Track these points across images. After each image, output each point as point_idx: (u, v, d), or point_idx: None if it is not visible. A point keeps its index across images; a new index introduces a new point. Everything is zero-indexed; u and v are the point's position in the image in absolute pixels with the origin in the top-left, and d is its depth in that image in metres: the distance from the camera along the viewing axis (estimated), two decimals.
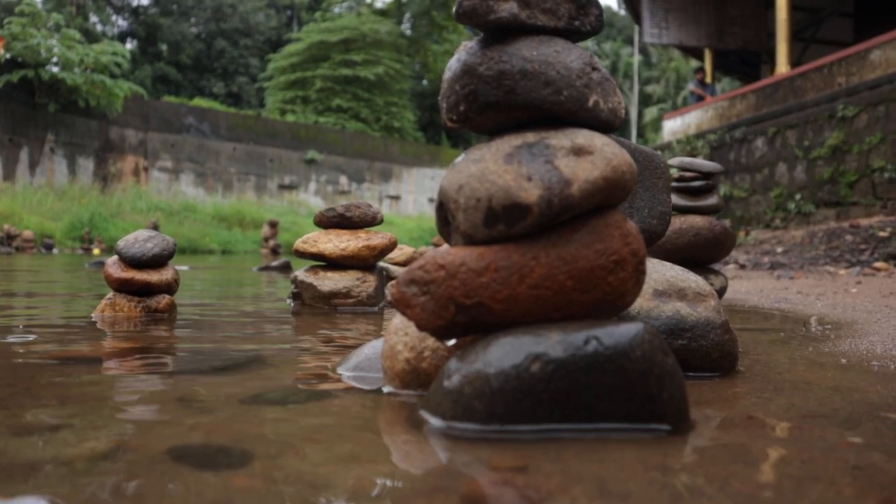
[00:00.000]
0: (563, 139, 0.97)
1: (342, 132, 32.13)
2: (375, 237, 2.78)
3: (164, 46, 40.99)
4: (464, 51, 1.02)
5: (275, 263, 7.42)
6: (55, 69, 22.34)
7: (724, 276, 2.79)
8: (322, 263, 2.84)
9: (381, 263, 3.43)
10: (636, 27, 21.40)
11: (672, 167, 2.75)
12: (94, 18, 39.80)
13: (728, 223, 10.31)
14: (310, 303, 2.77)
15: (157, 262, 2.32)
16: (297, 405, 1.06)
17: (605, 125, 1.04)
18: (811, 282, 4.68)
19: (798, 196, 9.60)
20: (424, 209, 33.19)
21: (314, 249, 2.74)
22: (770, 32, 14.07)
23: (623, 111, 1.07)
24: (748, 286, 4.39)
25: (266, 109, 36.23)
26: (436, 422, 0.91)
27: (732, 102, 12.78)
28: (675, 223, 2.63)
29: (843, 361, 1.56)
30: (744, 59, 16.99)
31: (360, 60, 34.49)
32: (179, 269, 7.03)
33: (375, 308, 2.75)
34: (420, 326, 0.96)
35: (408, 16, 41.68)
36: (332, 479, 0.73)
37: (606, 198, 0.97)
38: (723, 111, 12.95)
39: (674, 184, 2.74)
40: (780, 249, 7.95)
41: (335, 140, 31.30)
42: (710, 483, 0.74)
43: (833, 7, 15.60)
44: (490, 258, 0.94)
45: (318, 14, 39.48)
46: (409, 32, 41.14)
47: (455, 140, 38.51)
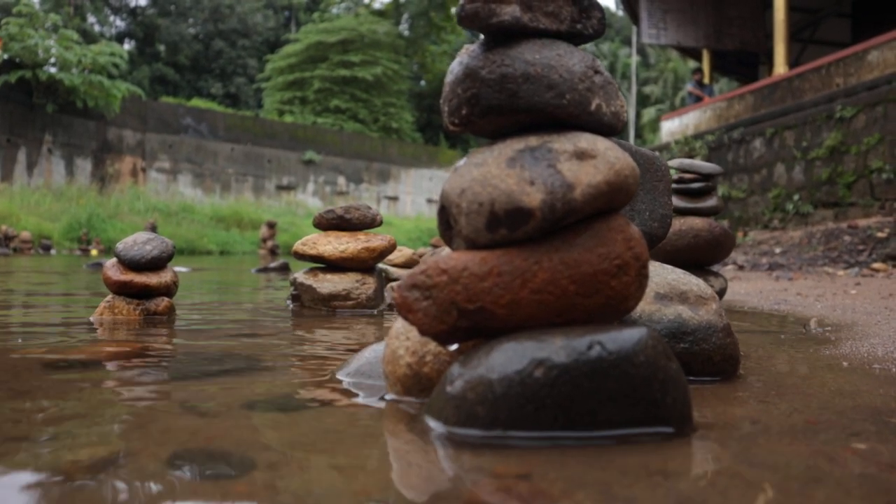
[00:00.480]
0: (566, 143, 0.97)
1: (340, 133, 32.13)
2: (375, 239, 2.78)
3: (162, 47, 40.96)
4: (466, 54, 1.02)
5: (273, 265, 7.41)
6: (53, 70, 22.32)
7: (724, 278, 2.79)
8: (321, 265, 2.83)
9: (381, 265, 3.42)
10: (634, 28, 21.42)
11: (671, 169, 2.75)
12: (92, 19, 39.76)
13: (726, 224, 10.31)
14: (309, 305, 2.76)
15: (156, 265, 2.31)
16: (298, 411, 1.05)
17: (608, 129, 1.03)
18: (810, 283, 4.68)
19: (796, 197, 9.60)
20: (422, 210, 33.19)
21: (313, 251, 2.73)
22: (768, 33, 14.09)
23: (625, 115, 1.07)
24: (747, 287, 4.39)
25: (264, 110, 36.23)
26: (438, 428, 0.90)
27: (730, 103, 12.79)
28: (675, 225, 2.63)
29: (845, 364, 1.55)
30: (741, 60, 17.01)
31: (358, 61, 34.50)
32: (179, 271, 7.00)
33: (374, 311, 2.74)
34: (422, 331, 0.95)
35: (406, 16, 41.71)
36: (334, 488, 0.72)
37: (609, 202, 0.97)
38: (721, 112, 12.97)
39: (673, 185, 2.73)
40: (779, 250, 7.96)
41: (333, 141, 31.30)
42: (714, 488, 0.74)
43: (831, 8, 15.64)
44: (492, 263, 0.93)
45: (316, 15, 39.51)
46: (407, 33, 41.17)
47: (453, 141, 38.53)
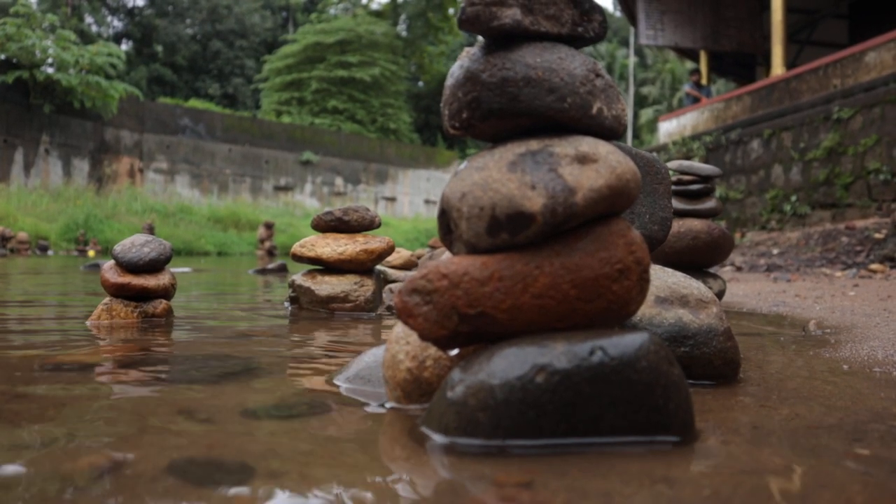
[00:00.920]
0: (567, 147, 0.96)
1: (338, 133, 32.10)
2: (373, 241, 2.77)
3: (160, 47, 40.91)
4: (466, 57, 1.01)
5: (271, 266, 7.39)
6: (50, 70, 22.27)
7: (723, 280, 2.79)
8: (319, 267, 2.82)
9: (379, 267, 3.41)
10: (632, 29, 21.44)
11: (670, 170, 2.74)
12: (90, 19, 39.71)
13: (724, 225, 10.32)
14: (307, 307, 2.75)
15: (154, 267, 2.30)
16: (298, 418, 1.05)
17: (609, 132, 1.03)
18: (808, 284, 4.68)
19: (794, 198, 9.62)
20: (420, 210, 33.19)
21: (312, 253, 2.72)
22: (765, 34, 14.12)
23: (626, 118, 1.06)
24: (745, 289, 4.39)
25: (262, 111, 36.20)
26: (439, 433, 0.90)
27: (728, 104, 12.81)
28: (674, 227, 2.63)
29: (845, 368, 1.55)
30: (739, 61, 17.04)
31: (356, 62, 34.49)
32: (181, 271, 7.00)
33: (373, 313, 2.73)
34: (423, 336, 0.95)
35: (403, 17, 41.71)
36: (336, 498, 0.72)
37: (611, 206, 0.96)
38: (718, 113, 12.98)
39: (672, 187, 2.73)
40: (776, 251, 7.97)
41: (331, 141, 31.27)
42: (717, 496, 0.73)
43: (828, 9, 15.66)
44: (493, 267, 0.93)
45: (314, 15, 39.48)
46: (405, 34, 41.17)
47: (451, 142, 38.54)
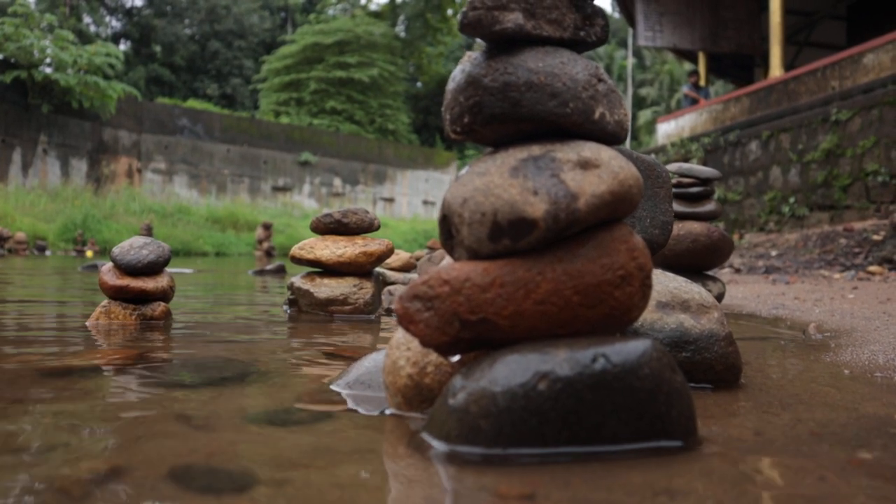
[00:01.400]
0: (570, 152, 0.96)
1: (336, 134, 32.09)
2: (372, 243, 2.76)
3: (158, 48, 40.89)
4: (468, 62, 1.01)
5: (269, 267, 7.38)
6: (48, 70, 22.24)
7: (722, 283, 2.78)
8: (319, 270, 2.81)
9: (378, 268, 3.41)
10: (630, 30, 21.45)
11: (670, 173, 2.74)
12: (88, 19, 39.67)
13: (722, 226, 10.33)
14: (306, 310, 2.74)
15: (153, 270, 2.30)
16: (298, 424, 1.04)
17: (611, 137, 1.02)
18: (807, 287, 4.68)
19: (792, 199, 9.62)
20: (418, 211, 33.18)
21: (311, 256, 2.71)
22: (764, 36, 14.14)
23: (629, 123, 1.06)
24: (745, 291, 4.39)
25: (260, 111, 36.19)
26: (440, 441, 0.89)
27: (726, 106, 12.82)
28: (673, 229, 2.63)
29: (846, 372, 1.55)
30: (737, 63, 17.07)
31: (355, 62, 34.49)
32: (181, 272, 7.02)
33: (372, 316, 2.73)
34: (424, 343, 0.94)
35: (402, 18, 41.71)
36: None
37: (613, 212, 0.96)
38: (717, 114, 12.99)
39: (672, 190, 2.73)
40: (775, 253, 7.97)
41: (329, 142, 31.26)
42: None
43: (826, 10, 15.69)
44: (495, 273, 0.92)
45: (313, 16, 39.48)
46: (404, 35, 41.17)
47: (449, 143, 38.53)
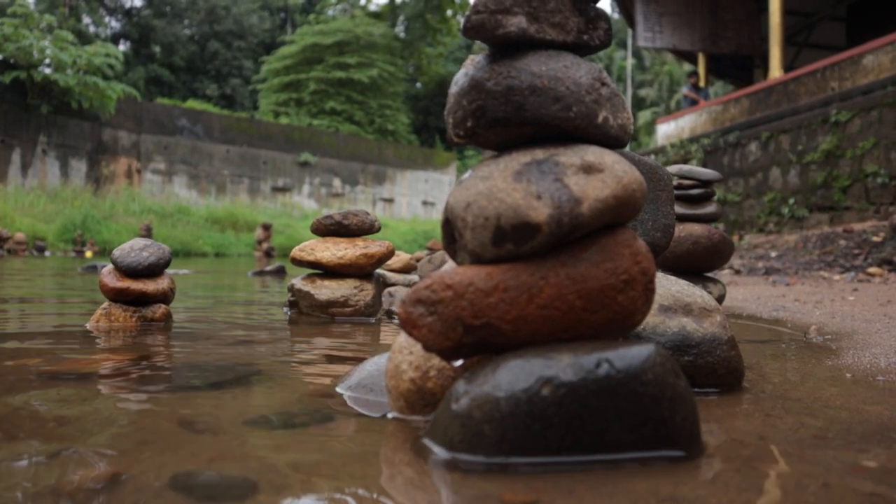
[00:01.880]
0: (573, 156, 0.95)
1: (336, 135, 32.10)
2: (373, 245, 2.76)
3: (158, 48, 40.89)
4: (471, 65, 1.00)
5: (269, 268, 7.38)
6: (48, 70, 22.24)
7: (723, 284, 2.78)
8: (319, 272, 2.81)
9: (378, 270, 3.40)
10: (630, 31, 21.45)
11: (672, 176, 2.74)
12: (87, 20, 39.67)
13: (722, 227, 10.33)
14: (307, 312, 2.74)
15: (153, 272, 2.29)
16: (300, 428, 1.04)
17: (615, 141, 1.02)
18: (807, 288, 4.68)
19: (791, 200, 9.63)
20: (418, 212, 33.19)
21: (311, 258, 2.71)
22: (763, 36, 14.15)
23: (631, 126, 1.06)
24: (745, 293, 4.39)
25: (259, 112, 36.20)
26: (443, 446, 0.89)
27: (726, 106, 12.82)
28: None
29: (848, 376, 1.54)
30: (737, 64, 17.08)
31: (354, 63, 34.50)
32: (181, 273, 7.03)
33: (373, 318, 2.72)
34: (427, 347, 0.94)
35: (401, 18, 41.71)
36: None
37: (616, 216, 0.95)
38: (716, 115, 13.00)
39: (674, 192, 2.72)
40: (775, 254, 7.97)
41: (329, 143, 31.27)
42: None
43: (826, 11, 15.70)
44: (498, 278, 0.92)
45: (312, 16, 39.50)
46: (403, 35, 41.18)
47: (449, 143, 38.51)
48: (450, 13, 38.90)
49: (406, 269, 3.74)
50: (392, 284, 3.48)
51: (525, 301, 0.92)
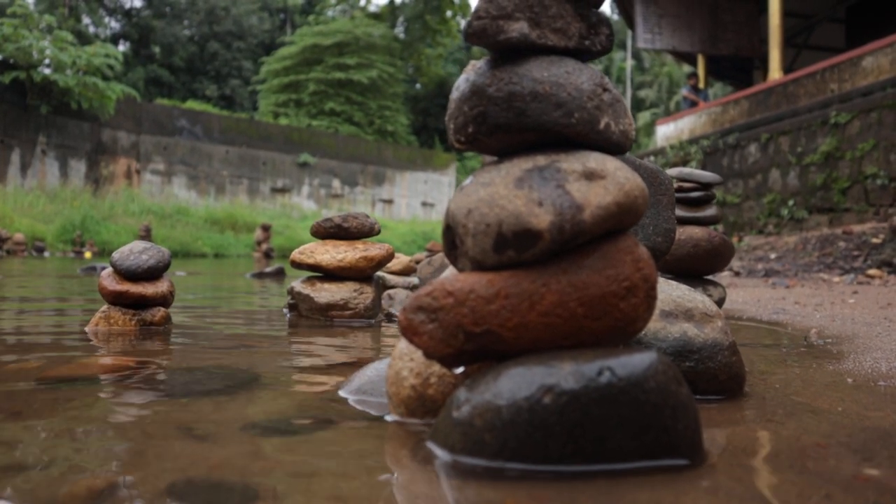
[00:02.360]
0: (575, 163, 0.95)
1: (335, 136, 32.09)
2: (373, 248, 2.75)
3: (157, 49, 40.90)
4: (472, 71, 1.00)
5: (268, 270, 7.37)
6: (47, 71, 22.23)
7: (723, 287, 2.77)
8: (319, 274, 2.81)
9: (378, 273, 3.40)
10: (629, 32, 21.46)
11: (672, 179, 2.73)
12: (87, 20, 39.66)
13: (721, 229, 10.33)
14: (306, 314, 2.73)
15: (153, 275, 2.29)
16: (300, 434, 1.03)
17: (617, 147, 1.02)
18: (807, 291, 4.68)
19: (791, 202, 9.63)
20: (417, 213, 33.19)
21: (311, 261, 2.70)
22: (763, 38, 14.16)
23: (633, 132, 1.05)
24: (744, 295, 4.38)
25: (259, 112, 36.20)
26: (444, 454, 0.88)
27: (725, 108, 12.83)
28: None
29: (850, 381, 1.54)
30: (736, 65, 17.09)
31: (354, 64, 34.51)
32: (177, 275, 7.00)
33: (372, 321, 2.72)
34: (428, 354, 0.93)
35: (401, 19, 41.73)
36: None
37: (618, 223, 0.95)
38: (716, 117, 13.00)
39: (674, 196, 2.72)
40: (774, 256, 7.97)
41: (328, 143, 31.26)
42: None
43: (825, 13, 15.71)
44: (500, 285, 0.91)
45: (312, 17, 39.52)
46: (403, 36, 41.20)
47: (448, 145, 38.56)
48: (449, 14, 38.92)
49: (405, 272, 3.74)
50: (391, 287, 3.47)
51: (526, 308, 0.91)
